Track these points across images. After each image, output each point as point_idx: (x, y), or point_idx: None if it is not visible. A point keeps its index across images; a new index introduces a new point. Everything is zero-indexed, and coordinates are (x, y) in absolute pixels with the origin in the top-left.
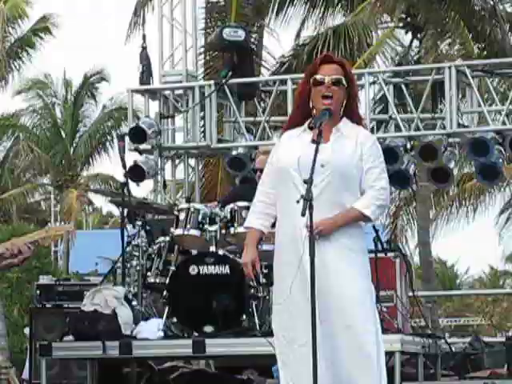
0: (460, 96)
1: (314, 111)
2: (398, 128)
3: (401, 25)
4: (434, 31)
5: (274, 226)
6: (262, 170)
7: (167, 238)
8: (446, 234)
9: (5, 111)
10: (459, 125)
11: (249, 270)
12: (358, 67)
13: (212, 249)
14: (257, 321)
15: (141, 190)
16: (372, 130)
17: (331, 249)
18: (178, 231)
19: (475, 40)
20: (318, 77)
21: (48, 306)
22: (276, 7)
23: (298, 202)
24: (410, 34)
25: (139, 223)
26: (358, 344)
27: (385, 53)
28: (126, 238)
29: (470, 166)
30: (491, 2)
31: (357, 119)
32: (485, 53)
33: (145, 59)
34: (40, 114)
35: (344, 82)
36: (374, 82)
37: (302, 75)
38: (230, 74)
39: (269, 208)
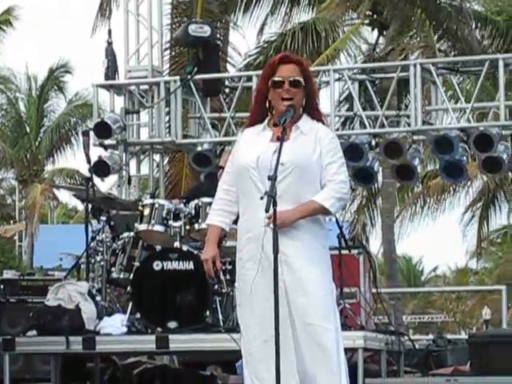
0: (425, 93)
1: (274, 111)
2: (362, 125)
3: (367, 22)
4: (400, 28)
5: (236, 222)
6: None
7: (131, 234)
8: (410, 231)
9: None
10: (424, 122)
11: (209, 266)
12: (320, 62)
13: (176, 244)
14: (220, 317)
15: (105, 185)
16: (337, 127)
17: (292, 245)
18: (143, 227)
19: (441, 37)
20: (277, 79)
21: (12, 300)
22: (243, 4)
23: (261, 198)
24: (376, 31)
25: (104, 218)
26: (317, 341)
27: (349, 50)
28: (90, 233)
29: (434, 163)
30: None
31: (317, 116)
32: (453, 51)
33: (110, 54)
34: (4, 109)
35: (302, 82)
36: (339, 79)
37: None
38: (196, 69)
39: (229, 205)
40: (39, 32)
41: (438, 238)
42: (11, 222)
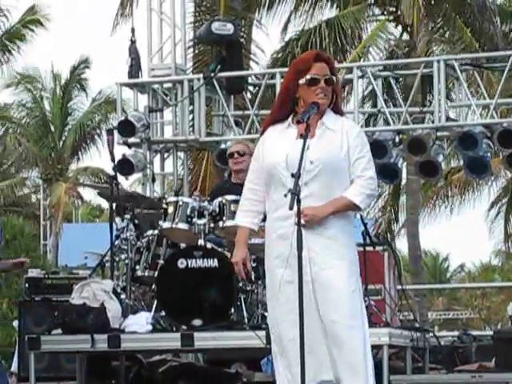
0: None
1: (298, 106)
2: (386, 122)
3: (391, 18)
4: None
5: (262, 219)
6: (237, 152)
7: (156, 232)
8: (435, 228)
9: None
10: (448, 119)
11: (239, 268)
12: (353, 60)
13: (200, 242)
14: (245, 314)
15: (128, 183)
16: (361, 124)
17: (320, 242)
18: (167, 224)
19: (466, 33)
20: (314, 76)
21: (37, 299)
22: (266, 1)
23: (285, 195)
24: (399, 28)
25: (128, 217)
26: (343, 339)
27: (378, 45)
28: (114, 232)
29: (457, 160)
30: None
31: (339, 112)
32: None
33: (134, 53)
34: (29, 108)
35: (335, 80)
36: (362, 76)
37: None
38: (219, 67)
39: (256, 205)
40: (63, 31)
41: (463, 235)
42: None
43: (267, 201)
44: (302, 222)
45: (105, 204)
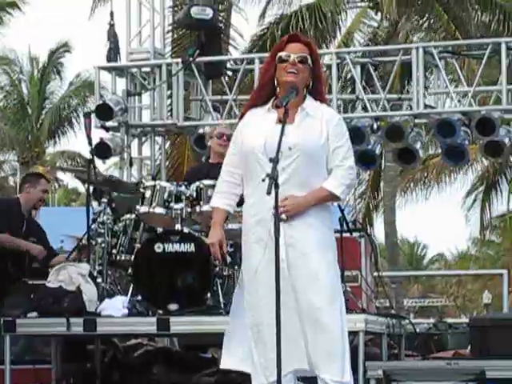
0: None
1: (279, 90)
2: (364, 108)
3: (370, 5)
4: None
5: (239, 204)
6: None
7: (133, 216)
8: (413, 215)
9: None
10: (426, 106)
11: (215, 250)
12: (339, 47)
13: (177, 227)
14: (222, 299)
15: (105, 167)
16: (339, 110)
17: (298, 228)
18: (144, 209)
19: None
20: (284, 54)
21: None
22: None
23: (263, 180)
24: (379, 14)
25: (105, 200)
26: (322, 324)
27: (363, 31)
28: (91, 215)
29: (435, 147)
30: None
31: (321, 99)
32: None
33: (112, 36)
34: (6, 91)
35: (309, 61)
36: (341, 63)
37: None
38: (198, 52)
39: (234, 188)
40: (41, 14)
41: (441, 223)
42: None
43: (245, 185)
44: (283, 216)
45: (81, 188)
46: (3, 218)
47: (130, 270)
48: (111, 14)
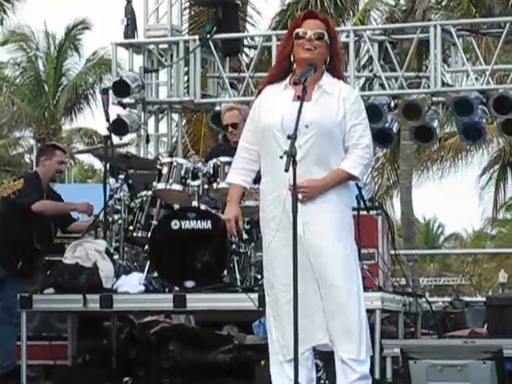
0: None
1: (296, 66)
2: (382, 86)
3: None
4: None
5: (256, 181)
6: (232, 125)
7: (149, 193)
8: (429, 193)
9: None
10: (443, 84)
11: (231, 226)
12: (354, 25)
13: (194, 204)
14: (238, 276)
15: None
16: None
17: (315, 205)
18: (161, 185)
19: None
20: (301, 30)
21: None
22: None
23: (281, 157)
24: None
25: (122, 177)
26: (340, 302)
27: (379, 9)
28: (108, 192)
29: (451, 125)
30: None
31: (339, 76)
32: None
33: (129, 13)
34: (23, 67)
35: (326, 37)
36: (358, 40)
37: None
38: (215, 29)
39: (250, 164)
40: None
41: (456, 202)
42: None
43: (261, 162)
44: (300, 196)
45: (97, 165)
46: (38, 192)
47: (146, 247)
48: None
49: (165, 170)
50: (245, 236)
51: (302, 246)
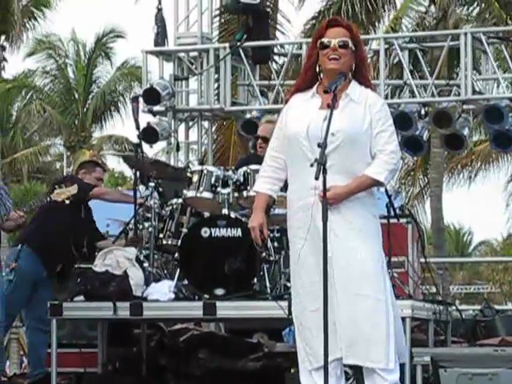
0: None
1: (322, 75)
2: (412, 94)
3: None
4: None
5: (284, 189)
6: (263, 138)
7: (180, 200)
8: (458, 201)
9: (18, 72)
10: (474, 91)
11: (256, 234)
12: (385, 33)
13: (224, 211)
14: (268, 284)
15: (152, 151)
16: (386, 96)
17: (342, 214)
18: (191, 193)
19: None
20: (325, 40)
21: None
22: None
23: (311, 165)
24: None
25: (152, 185)
26: (366, 312)
27: (411, 16)
28: (138, 200)
29: (479, 133)
30: None
31: (366, 83)
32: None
33: (160, 21)
34: (53, 75)
35: (351, 44)
36: (389, 48)
37: None
38: (245, 37)
39: (277, 172)
40: None
41: (485, 209)
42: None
43: (288, 170)
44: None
45: (128, 172)
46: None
47: (176, 255)
48: None
49: (195, 178)
50: (275, 244)
51: (329, 254)
